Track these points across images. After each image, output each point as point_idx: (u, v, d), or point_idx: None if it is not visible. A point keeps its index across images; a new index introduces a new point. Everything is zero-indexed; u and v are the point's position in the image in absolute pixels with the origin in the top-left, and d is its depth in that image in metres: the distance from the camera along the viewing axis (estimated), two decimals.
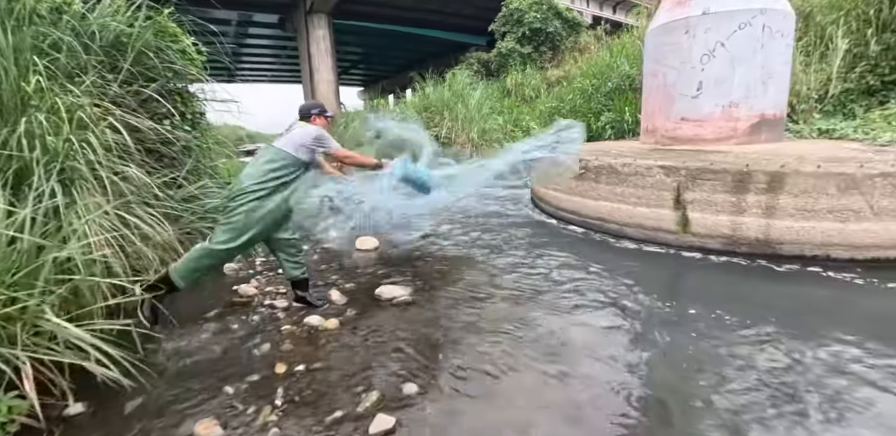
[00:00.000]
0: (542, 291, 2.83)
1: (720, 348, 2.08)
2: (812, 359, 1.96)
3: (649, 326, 2.33)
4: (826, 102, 6.09)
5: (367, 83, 41.19)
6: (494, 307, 2.61)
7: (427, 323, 2.43)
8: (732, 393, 1.74)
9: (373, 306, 2.68)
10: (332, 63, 20.94)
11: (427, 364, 2.02)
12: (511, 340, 2.22)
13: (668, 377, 1.89)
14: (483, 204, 6.03)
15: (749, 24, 4.17)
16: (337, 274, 3.29)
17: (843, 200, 3.04)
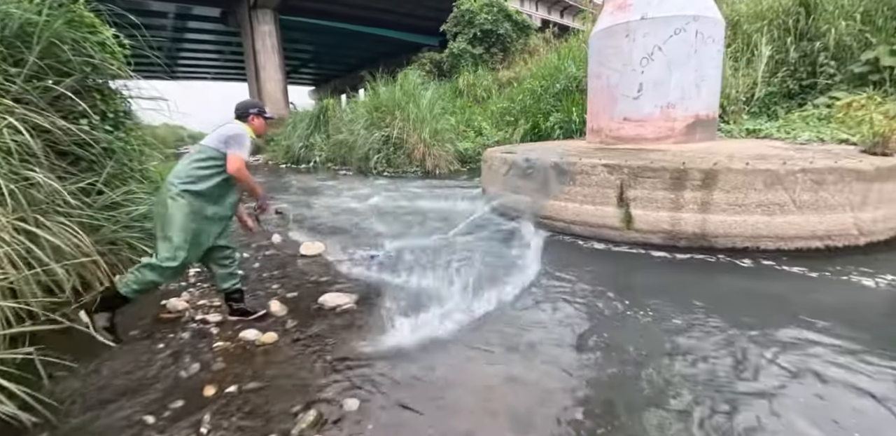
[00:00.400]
0: (488, 290, 2.79)
1: (661, 335, 2.14)
2: (738, 341, 2.05)
3: (588, 318, 2.36)
4: (753, 104, 6.54)
5: (318, 82, 40.13)
6: (442, 311, 2.53)
7: (373, 332, 2.32)
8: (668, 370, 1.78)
9: (316, 316, 2.54)
10: (280, 61, 20.17)
11: (371, 376, 1.92)
12: (457, 344, 2.17)
13: (611, 373, 1.90)
14: (434, 202, 5.99)
15: (683, 30, 4.37)
16: (279, 282, 3.10)
17: (769, 194, 3.23)
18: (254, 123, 2.53)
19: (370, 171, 9.38)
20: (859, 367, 1.91)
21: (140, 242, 3.20)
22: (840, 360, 1.96)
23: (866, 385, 1.78)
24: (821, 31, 6.15)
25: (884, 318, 2.43)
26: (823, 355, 2.00)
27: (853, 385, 1.78)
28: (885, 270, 3.00)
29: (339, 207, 5.90)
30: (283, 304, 2.65)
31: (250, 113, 2.51)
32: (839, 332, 2.21)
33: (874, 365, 1.91)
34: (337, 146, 10.57)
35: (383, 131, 9.21)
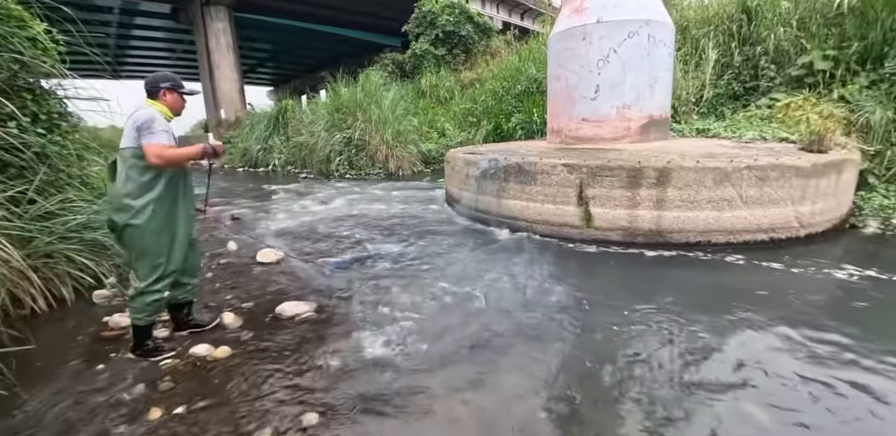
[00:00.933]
0: (451, 294, 2.77)
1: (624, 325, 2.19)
2: (686, 328, 2.13)
3: (548, 316, 2.38)
4: (702, 105, 6.86)
5: (277, 82, 39.00)
6: (403, 316, 2.49)
7: (333, 341, 2.24)
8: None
9: (272, 327, 2.42)
10: (235, 60, 19.43)
11: (332, 388, 1.84)
12: (420, 352, 2.12)
13: (570, 366, 1.92)
14: (396, 205, 5.91)
15: (637, 34, 4.52)
16: (233, 292, 2.94)
17: (718, 191, 3.38)
18: (166, 98, 2.12)
19: (332, 173, 9.18)
20: (796, 347, 2.05)
21: (80, 255, 2.97)
22: (778, 342, 2.10)
23: (802, 366, 1.90)
24: (761, 36, 6.52)
25: (821, 301, 2.60)
26: (762, 339, 2.14)
27: (792, 366, 1.89)
28: (823, 258, 3.23)
29: (298, 212, 5.71)
30: (237, 315, 2.52)
31: (160, 87, 2.11)
32: (780, 316, 2.36)
33: (808, 345, 2.06)
34: (297, 149, 10.28)
35: (345, 133, 9.04)
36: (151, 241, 2.04)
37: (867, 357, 1.97)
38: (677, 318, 2.38)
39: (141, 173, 2.01)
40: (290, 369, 2.00)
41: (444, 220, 4.90)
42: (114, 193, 2.03)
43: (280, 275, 3.27)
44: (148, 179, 2.02)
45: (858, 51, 5.47)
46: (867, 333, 2.17)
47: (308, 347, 2.19)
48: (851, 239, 3.83)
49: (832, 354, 2.01)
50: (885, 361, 1.94)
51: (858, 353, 2.00)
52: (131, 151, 1.99)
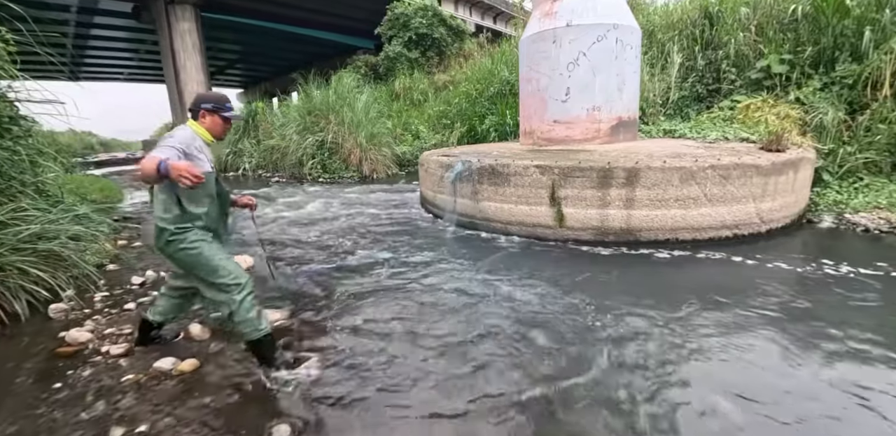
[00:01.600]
0: (425, 298, 2.75)
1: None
2: (655, 321, 2.19)
3: (526, 314, 2.39)
4: (668, 107, 7.07)
5: (246, 84, 38.19)
6: (377, 322, 2.45)
7: (306, 349, 2.19)
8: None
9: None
10: (202, 61, 18.92)
11: (305, 398, 1.80)
12: (393, 361, 2.08)
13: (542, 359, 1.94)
14: (371, 208, 5.84)
15: (605, 37, 4.62)
16: (201, 302, 2.84)
17: (684, 190, 3.49)
18: (205, 120, 1.97)
19: (304, 177, 9.03)
20: (759, 335, 2.17)
21: (34, 267, 2.81)
22: (746, 330, 2.19)
23: (758, 354, 1.99)
24: (723, 41, 6.77)
25: (784, 292, 2.72)
26: (726, 327, 2.24)
27: (748, 353, 1.97)
28: (782, 252, 3.39)
29: (269, 217, 5.57)
30: (204, 326, 2.42)
31: (201, 108, 1.96)
32: (746, 305, 2.50)
33: (769, 333, 2.18)
34: (268, 152, 10.06)
35: (317, 136, 8.90)
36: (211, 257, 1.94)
37: (829, 341, 2.11)
38: (653, 313, 2.44)
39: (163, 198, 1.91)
40: (262, 380, 1.94)
41: (418, 223, 4.88)
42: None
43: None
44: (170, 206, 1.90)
45: (812, 55, 5.76)
46: (826, 320, 2.31)
47: (280, 356, 2.12)
48: (808, 234, 4.02)
49: (797, 339, 2.13)
50: (841, 343, 2.08)
51: (820, 338, 2.14)
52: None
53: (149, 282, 3.29)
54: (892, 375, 1.84)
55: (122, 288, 3.17)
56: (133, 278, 3.29)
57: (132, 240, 4.59)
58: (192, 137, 1.92)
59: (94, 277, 3.15)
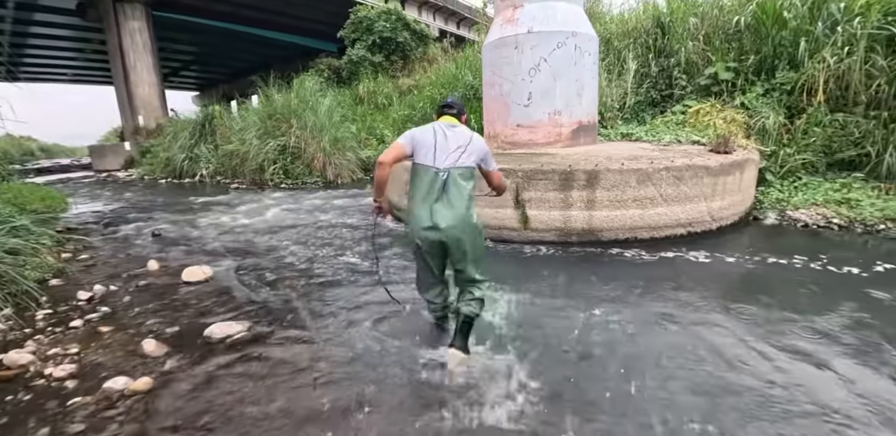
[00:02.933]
0: (391, 305, 2.72)
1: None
2: (612, 315, 2.28)
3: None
4: (625, 112, 7.35)
5: (203, 87, 36.71)
6: (344, 332, 2.39)
7: (267, 364, 2.10)
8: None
9: (200, 352, 2.23)
10: (154, 61, 18.03)
11: (266, 417, 1.72)
12: (358, 369, 2.03)
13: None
14: (334, 215, 5.75)
15: (564, 44, 4.76)
16: (156, 317, 2.68)
17: (641, 190, 3.63)
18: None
19: (266, 183, 8.75)
20: (708, 323, 2.33)
21: None
22: (696, 320, 2.32)
23: (711, 337, 2.16)
24: (674, 49, 7.12)
25: (731, 283, 2.92)
26: (683, 317, 2.40)
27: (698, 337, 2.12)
28: (732, 248, 3.61)
29: (228, 226, 5.36)
30: (160, 342, 2.29)
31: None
32: (702, 297, 2.67)
33: (722, 321, 2.34)
34: (227, 157, 9.68)
35: (279, 140, 8.66)
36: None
37: (772, 324, 2.34)
38: (618, 306, 2.54)
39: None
40: (219, 397, 1.85)
41: (384, 229, 4.83)
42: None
43: (209, 294, 3.03)
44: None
45: (754, 63, 6.15)
46: (772, 306, 2.53)
47: (242, 370, 2.04)
48: (755, 230, 4.28)
49: (747, 324, 2.33)
50: (783, 327, 2.29)
51: (768, 322, 2.34)
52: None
53: (97, 297, 3.07)
54: (802, 340, 2.14)
55: (68, 304, 2.95)
56: (79, 294, 3.06)
57: (78, 252, 4.29)
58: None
59: (34, 293, 2.91)
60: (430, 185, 2.02)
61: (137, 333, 2.46)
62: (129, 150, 16.83)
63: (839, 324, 2.31)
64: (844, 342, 2.14)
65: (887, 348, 2.07)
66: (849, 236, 3.98)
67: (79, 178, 14.42)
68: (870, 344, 2.11)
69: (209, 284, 3.23)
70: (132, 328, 2.53)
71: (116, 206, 7.37)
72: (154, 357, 2.18)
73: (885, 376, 1.85)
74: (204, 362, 2.13)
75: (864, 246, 3.71)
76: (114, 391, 1.90)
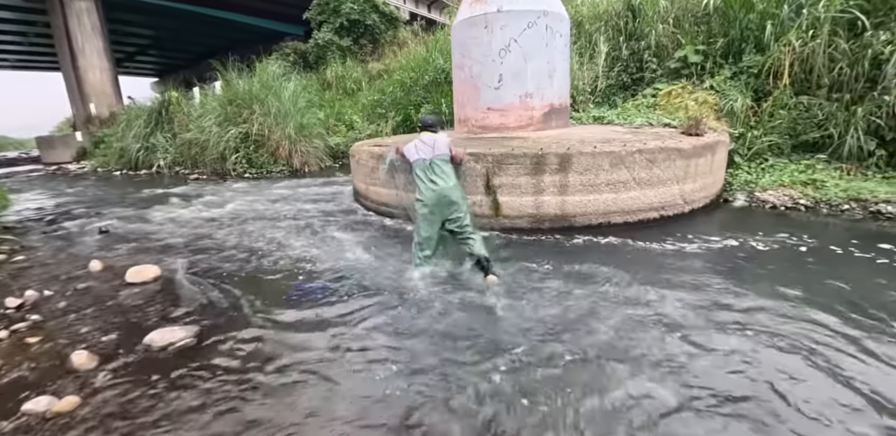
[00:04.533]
0: (359, 301, 2.56)
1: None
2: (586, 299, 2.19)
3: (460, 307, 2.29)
4: (596, 95, 7.28)
5: (162, 73, 34.80)
6: (301, 336, 2.19)
7: (213, 374, 1.89)
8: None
9: (138, 363, 2.00)
10: (105, 45, 16.82)
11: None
12: (315, 382, 1.86)
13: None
14: (300, 204, 5.48)
15: (535, 24, 4.57)
16: (91, 324, 2.41)
17: (614, 174, 3.54)
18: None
19: (228, 173, 8.29)
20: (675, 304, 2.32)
21: None
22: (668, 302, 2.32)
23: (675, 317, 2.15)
24: (644, 32, 7.04)
25: (702, 265, 2.89)
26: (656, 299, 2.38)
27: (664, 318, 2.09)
28: (703, 230, 3.58)
29: (184, 219, 4.99)
30: (92, 353, 2.04)
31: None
32: (673, 279, 2.66)
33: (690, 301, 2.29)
34: (185, 147, 9.11)
35: (240, 128, 8.20)
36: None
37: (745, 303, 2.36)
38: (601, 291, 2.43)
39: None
40: (155, 415, 1.64)
41: (352, 217, 4.61)
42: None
43: (154, 296, 2.77)
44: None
45: (723, 46, 6.14)
46: (745, 285, 2.56)
47: (181, 383, 1.83)
48: (726, 212, 4.28)
49: (720, 303, 2.34)
50: (759, 305, 2.32)
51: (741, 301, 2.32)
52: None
53: (28, 304, 2.75)
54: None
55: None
56: (8, 301, 2.74)
57: (13, 254, 3.90)
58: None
59: None
60: (423, 169, 3.05)
61: (69, 343, 2.20)
62: (81, 140, 15.76)
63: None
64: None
65: None
66: (815, 217, 4.03)
67: (25, 172, 13.40)
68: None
69: (155, 284, 2.95)
70: (64, 338, 2.26)
71: (63, 200, 6.81)
72: (84, 371, 1.94)
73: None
74: (141, 374, 1.91)
75: (831, 227, 3.72)
76: (34, 414, 1.67)
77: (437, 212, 2.93)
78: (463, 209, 2.96)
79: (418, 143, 3.14)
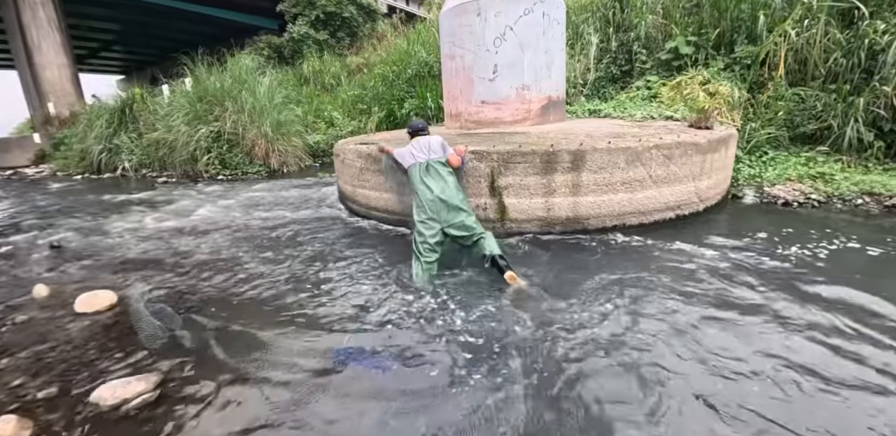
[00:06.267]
0: (349, 323, 2.19)
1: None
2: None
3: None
4: (588, 87, 7.03)
5: (129, 70, 33.23)
6: (289, 374, 1.81)
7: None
8: None
9: (81, 428, 1.56)
10: (64, 40, 15.72)
11: None
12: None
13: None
14: (278, 210, 5.02)
15: (532, 11, 4.23)
16: (28, 372, 1.94)
17: (630, 172, 3.24)
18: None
19: (200, 175, 7.68)
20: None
21: None
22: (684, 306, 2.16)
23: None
24: (633, 23, 6.82)
25: (721, 269, 2.64)
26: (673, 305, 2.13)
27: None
28: (719, 230, 3.37)
29: (149, 230, 4.42)
30: (23, 419, 1.60)
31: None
32: (689, 283, 2.47)
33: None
34: (152, 148, 8.43)
35: (212, 126, 7.61)
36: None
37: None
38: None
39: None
40: None
41: (338, 224, 4.19)
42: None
43: (107, 331, 2.28)
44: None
45: (714, 37, 5.96)
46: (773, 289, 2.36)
47: None
48: (739, 209, 4.05)
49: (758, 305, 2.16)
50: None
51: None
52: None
53: None
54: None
55: None
56: None
57: None
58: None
59: None
60: (419, 173, 2.90)
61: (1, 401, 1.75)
62: (39, 142, 14.71)
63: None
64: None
65: None
66: (833, 214, 3.83)
67: None
68: None
69: (109, 315, 2.45)
70: None
71: (13, 210, 6.11)
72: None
73: None
74: None
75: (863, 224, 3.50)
76: None
77: (438, 219, 2.74)
78: (465, 212, 2.77)
79: (411, 148, 3.01)
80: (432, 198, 2.76)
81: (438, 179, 2.82)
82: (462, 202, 2.80)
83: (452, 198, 2.76)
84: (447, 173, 2.87)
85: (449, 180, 2.84)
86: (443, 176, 2.84)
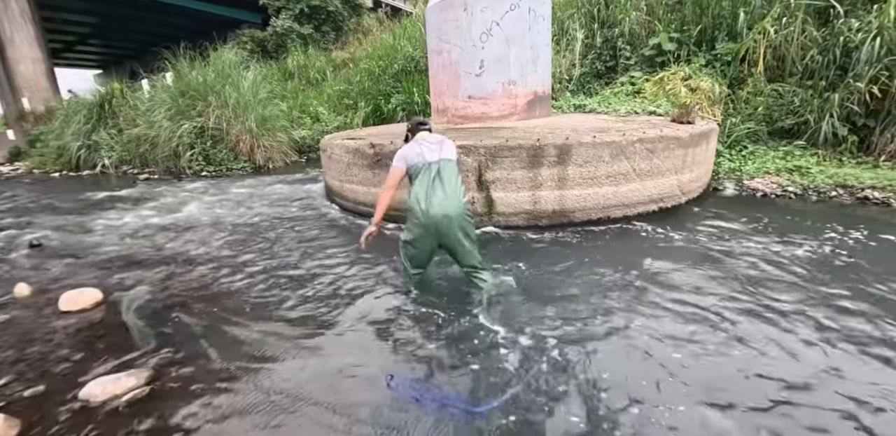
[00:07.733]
0: (341, 327, 2.20)
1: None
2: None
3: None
4: (573, 83, 7.09)
5: (107, 64, 32.30)
6: (277, 377, 1.79)
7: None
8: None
9: (72, 426, 1.55)
10: (38, 33, 15.22)
11: None
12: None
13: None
14: (264, 206, 4.98)
15: (518, 6, 4.26)
16: (14, 371, 1.91)
17: (615, 166, 3.31)
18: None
19: (183, 171, 7.53)
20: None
21: None
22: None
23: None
24: (618, 19, 6.89)
25: (700, 258, 2.75)
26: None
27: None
28: (698, 221, 3.46)
29: (131, 228, 4.32)
30: (11, 417, 1.57)
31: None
32: (668, 273, 2.55)
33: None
34: (133, 144, 8.23)
35: (195, 121, 7.47)
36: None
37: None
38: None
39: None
40: None
41: (326, 220, 4.18)
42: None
43: (95, 328, 2.26)
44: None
45: (696, 34, 6.07)
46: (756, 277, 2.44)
47: None
48: (719, 202, 4.16)
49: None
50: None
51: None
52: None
53: None
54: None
55: None
56: None
57: None
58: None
59: None
60: (426, 174, 2.37)
61: None
62: (14, 139, 14.26)
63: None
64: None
65: None
66: (808, 205, 3.97)
67: None
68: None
69: (96, 312, 2.42)
70: None
71: None
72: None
73: None
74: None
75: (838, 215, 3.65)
76: None
77: (435, 234, 2.25)
78: (469, 239, 2.31)
79: (423, 142, 2.42)
80: (438, 209, 2.22)
81: (448, 187, 2.29)
82: (469, 224, 2.32)
83: (460, 219, 2.26)
84: (458, 181, 2.36)
85: (460, 193, 2.32)
86: (454, 185, 2.31)
